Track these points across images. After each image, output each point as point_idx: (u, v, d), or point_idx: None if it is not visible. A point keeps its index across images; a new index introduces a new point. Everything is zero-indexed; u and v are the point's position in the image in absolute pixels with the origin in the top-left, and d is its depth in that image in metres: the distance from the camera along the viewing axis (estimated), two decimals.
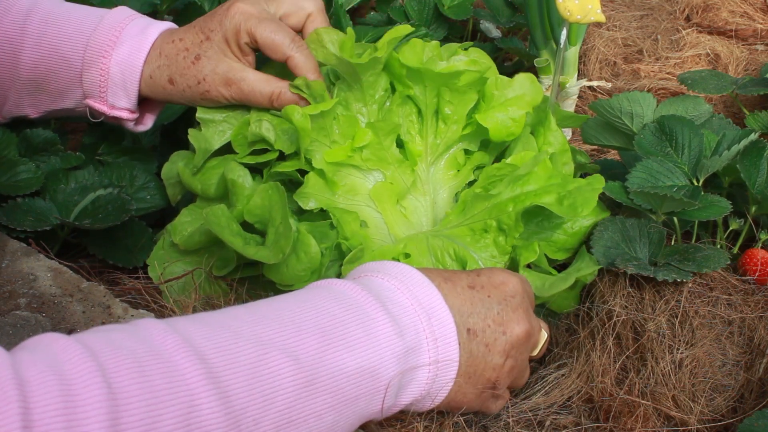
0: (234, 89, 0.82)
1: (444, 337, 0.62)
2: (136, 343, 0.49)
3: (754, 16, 1.45)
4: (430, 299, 0.62)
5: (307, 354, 0.54)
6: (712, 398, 0.74)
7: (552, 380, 0.77)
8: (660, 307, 0.77)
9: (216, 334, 0.52)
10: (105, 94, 0.86)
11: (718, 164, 0.84)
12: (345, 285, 0.61)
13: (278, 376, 0.52)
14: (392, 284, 0.62)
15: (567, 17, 0.96)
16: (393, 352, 0.58)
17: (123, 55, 0.84)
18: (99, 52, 0.84)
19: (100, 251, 0.91)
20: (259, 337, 0.53)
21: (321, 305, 0.58)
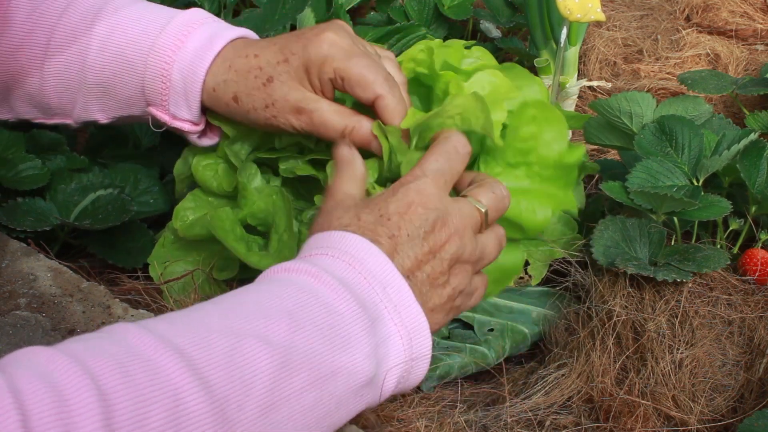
0: (304, 119, 0.74)
1: (404, 304, 0.63)
2: (115, 347, 0.50)
3: (754, 16, 1.45)
4: (382, 270, 0.63)
5: (278, 337, 0.56)
6: (712, 398, 0.74)
7: (552, 380, 0.77)
8: (660, 307, 0.77)
9: (189, 330, 0.53)
10: (167, 102, 0.79)
11: (718, 164, 0.84)
12: (300, 272, 0.62)
13: (254, 361, 0.54)
14: (343, 261, 0.63)
15: (567, 16, 0.96)
16: (360, 327, 0.60)
17: (186, 62, 0.77)
18: (162, 57, 0.78)
19: (100, 251, 0.91)
20: (230, 327, 0.55)
21: (283, 293, 0.59)
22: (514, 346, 0.83)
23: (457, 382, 0.80)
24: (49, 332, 0.74)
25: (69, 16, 0.80)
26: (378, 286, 0.63)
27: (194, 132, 0.81)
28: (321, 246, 0.65)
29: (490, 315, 0.84)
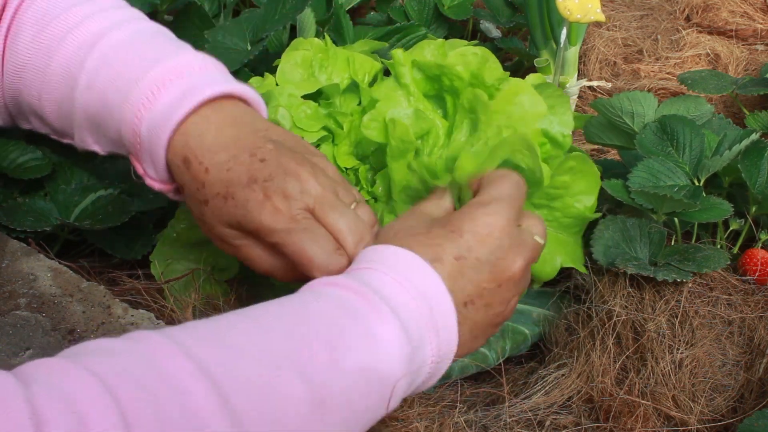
0: (228, 249, 0.69)
1: (446, 327, 0.60)
2: (149, 373, 0.47)
3: (754, 16, 1.45)
4: (432, 291, 0.60)
5: (317, 372, 0.52)
6: (712, 398, 0.74)
7: (552, 380, 0.77)
8: (660, 307, 0.77)
9: (225, 354, 0.50)
10: (140, 158, 0.72)
11: (718, 164, 0.84)
12: (344, 289, 0.58)
13: (289, 398, 0.51)
14: (392, 279, 0.59)
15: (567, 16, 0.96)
16: (400, 356, 0.57)
17: (153, 120, 0.69)
18: (133, 112, 0.70)
19: (99, 242, 0.91)
20: (270, 356, 0.51)
21: (326, 316, 0.56)
22: (515, 346, 0.83)
23: (457, 383, 0.80)
24: (49, 332, 0.74)
25: (67, 44, 0.75)
26: (425, 309, 0.59)
27: (166, 191, 0.73)
28: (371, 260, 0.61)
29: None
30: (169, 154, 0.69)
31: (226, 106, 0.69)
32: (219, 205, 0.66)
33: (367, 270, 0.61)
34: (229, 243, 0.68)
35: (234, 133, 0.68)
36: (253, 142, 0.67)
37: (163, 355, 0.48)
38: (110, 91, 0.72)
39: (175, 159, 0.69)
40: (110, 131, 0.74)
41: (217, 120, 0.68)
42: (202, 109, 0.68)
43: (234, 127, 0.68)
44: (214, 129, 0.68)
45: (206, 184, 0.67)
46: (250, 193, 0.64)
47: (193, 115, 0.68)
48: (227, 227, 0.67)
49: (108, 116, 0.73)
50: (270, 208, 0.64)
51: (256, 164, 0.65)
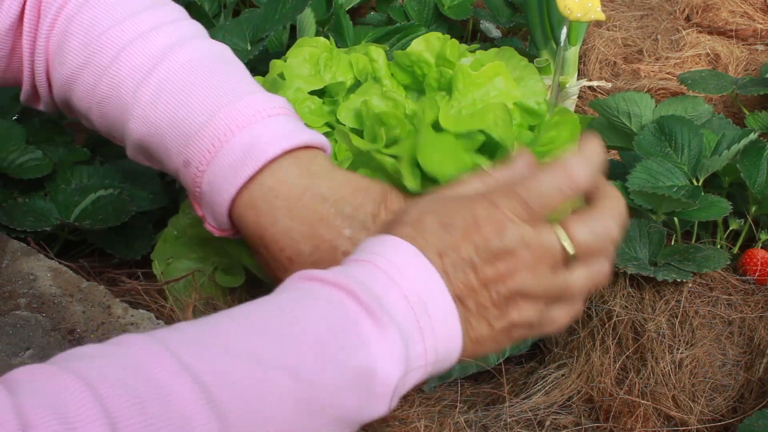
0: None
1: (443, 322, 0.58)
2: (136, 377, 0.47)
3: (754, 16, 1.45)
4: (429, 287, 0.57)
5: (307, 370, 0.52)
6: (712, 398, 0.74)
7: (552, 380, 0.77)
8: (660, 307, 0.77)
9: (215, 358, 0.49)
10: (200, 204, 0.71)
11: (717, 164, 0.84)
12: (335, 288, 0.56)
13: (277, 397, 0.50)
14: (385, 274, 0.57)
15: (567, 15, 0.96)
16: (392, 354, 0.56)
17: (214, 178, 0.67)
18: (194, 163, 0.68)
19: (98, 241, 0.91)
20: (258, 355, 0.51)
21: (317, 314, 0.54)
22: (515, 346, 0.83)
23: (457, 382, 0.80)
24: (49, 332, 0.74)
25: (119, 67, 0.71)
26: (420, 307, 0.56)
27: (227, 236, 0.72)
28: (371, 251, 0.59)
29: None
30: (234, 212, 0.68)
31: (287, 168, 0.67)
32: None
33: (361, 263, 0.58)
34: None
35: (306, 212, 0.67)
36: (329, 227, 0.67)
37: (149, 357, 0.48)
38: (168, 132, 0.69)
39: (248, 229, 0.68)
40: (167, 167, 0.72)
41: (283, 192, 0.67)
42: (265, 172, 0.67)
43: (302, 200, 0.67)
44: (283, 204, 0.67)
45: (290, 269, 0.67)
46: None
47: (258, 176, 0.66)
48: None
49: (165, 156, 0.70)
50: None
51: (340, 258, 0.65)
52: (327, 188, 0.68)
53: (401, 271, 0.57)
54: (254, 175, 0.66)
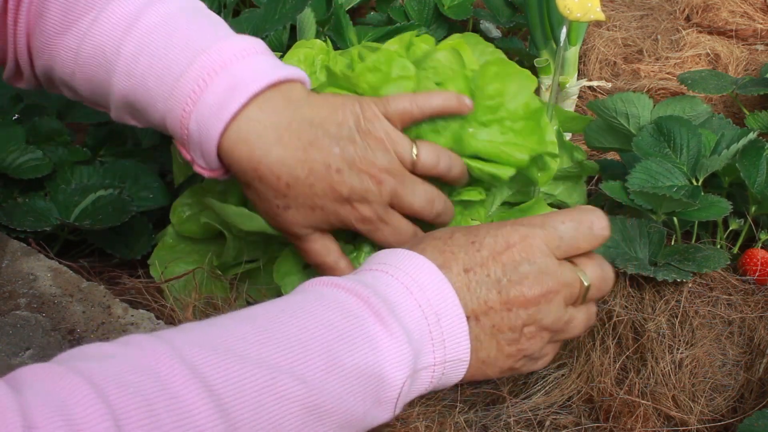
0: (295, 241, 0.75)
1: (453, 337, 0.59)
2: (143, 378, 0.47)
3: (754, 16, 1.45)
4: (442, 298, 0.59)
5: (314, 376, 0.52)
6: (712, 398, 0.74)
7: (552, 380, 0.77)
8: (660, 307, 0.77)
9: (223, 361, 0.50)
10: (187, 147, 0.73)
11: (717, 164, 0.84)
12: (346, 292, 0.58)
13: (285, 404, 0.50)
14: (400, 283, 0.59)
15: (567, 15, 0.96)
16: (400, 361, 0.56)
17: (202, 116, 0.70)
18: (180, 105, 0.71)
19: (99, 241, 0.91)
20: (266, 360, 0.51)
21: (325, 319, 0.55)
22: None
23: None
24: (49, 332, 0.74)
25: (100, 25, 0.73)
26: (432, 317, 0.58)
27: (217, 177, 0.75)
28: (384, 263, 0.61)
29: None
30: (223, 149, 0.71)
31: (273, 99, 0.71)
32: (306, 213, 0.72)
33: (376, 272, 0.61)
34: (299, 237, 0.74)
35: (296, 137, 0.70)
36: (320, 148, 0.70)
37: (156, 358, 0.48)
38: (152, 81, 0.72)
39: (241, 164, 0.70)
40: (153, 117, 0.74)
41: (271, 122, 0.70)
42: (251, 105, 0.70)
43: (290, 127, 0.70)
44: (273, 134, 0.70)
45: (289, 195, 0.71)
46: (339, 207, 0.71)
47: (244, 111, 0.70)
48: (307, 228, 0.73)
49: (150, 105, 0.73)
50: (359, 216, 0.72)
51: (335, 176, 0.70)
52: (310, 113, 0.71)
53: (417, 281, 0.60)
54: (240, 109, 0.69)
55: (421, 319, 0.58)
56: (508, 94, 0.78)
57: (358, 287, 0.58)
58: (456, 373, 0.61)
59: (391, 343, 0.56)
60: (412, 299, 0.59)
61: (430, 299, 0.59)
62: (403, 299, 0.59)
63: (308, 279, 0.62)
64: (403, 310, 0.58)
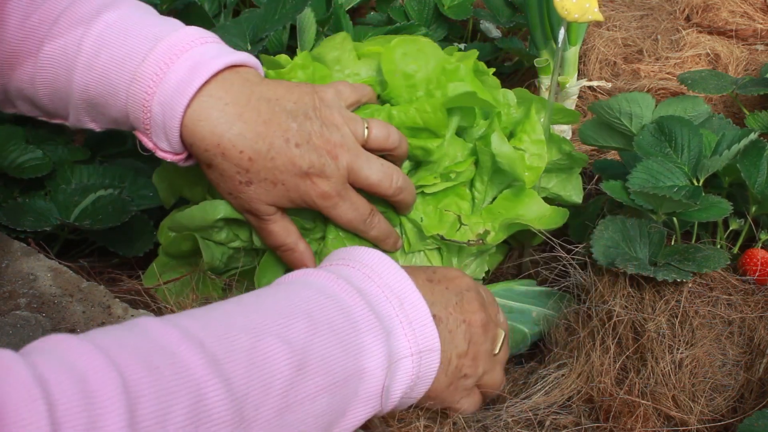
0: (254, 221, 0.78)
1: (420, 322, 0.64)
2: (139, 339, 0.51)
3: (754, 16, 1.45)
4: (401, 285, 0.65)
5: (297, 337, 0.56)
6: (712, 398, 0.74)
7: (552, 380, 0.77)
8: (660, 307, 0.77)
9: (211, 326, 0.54)
10: (149, 133, 0.76)
11: (718, 164, 0.84)
12: (320, 276, 0.64)
13: (273, 361, 0.54)
14: (362, 272, 0.65)
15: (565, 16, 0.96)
16: (375, 336, 0.61)
17: (165, 96, 0.73)
18: (143, 87, 0.73)
19: (100, 239, 0.91)
20: (251, 325, 0.55)
21: (302, 293, 0.61)
22: (514, 345, 0.83)
23: None
24: (49, 332, 0.74)
25: (60, 26, 0.77)
26: (395, 300, 0.64)
27: (178, 161, 0.78)
28: (342, 258, 0.67)
29: None
30: (186, 128, 0.73)
31: (232, 79, 0.75)
32: (267, 188, 0.75)
33: (338, 266, 0.66)
34: (260, 216, 0.77)
35: (255, 113, 0.74)
36: (278, 124, 0.74)
37: (160, 331, 0.52)
38: (113, 71, 0.75)
39: (204, 141, 0.74)
40: (113, 110, 0.77)
41: (232, 99, 0.74)
42: (211, 84, 0.74)
43: (249, 104, 0.74)
44: (233, 110, 0.74)
45: (251, 170, 0.74)
46: (300, 181, 0.75)
47: (206, 88, 0.73)
48: (269, 206, 0.76)
49: (112, 96, 0.76)
50: (318, 191, 0.75)
51: (294, 150, 0.74)
52: (267, 91, 0.76)
53: (375, 270, 0.65)
54: (202, 87, 0.73)
55: (385, 302, 0.64)
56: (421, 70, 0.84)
57: (325, 273, 0.64)
58: (432, 356, 0.65)
59: (363, 314, 0.61)
60: (376, 287, 0.64)
61: (391, 285, 0.64)
62: (366, 285, 0.64)
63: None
64: (370, 295, 0.63)
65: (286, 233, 0.78)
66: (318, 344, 0.57)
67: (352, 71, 0.86)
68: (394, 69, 0.83)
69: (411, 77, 0.83)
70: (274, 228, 0.78)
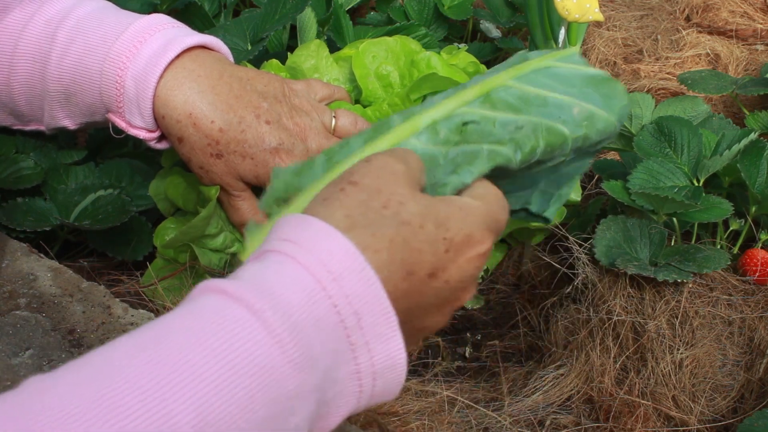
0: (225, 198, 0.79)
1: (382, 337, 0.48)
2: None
3: (754, 16, 1.45)
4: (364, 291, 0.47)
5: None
6: (712, 398, 0.74)
7: (552, 380, 0.77)
8: (660, 308, 0.77)
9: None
10: (122, 110, 0.78)
11: (718, 164, 0.84)
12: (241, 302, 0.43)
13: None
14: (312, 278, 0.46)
15: (565, 16, 0.96)
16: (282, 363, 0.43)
17: (138, 69, 0.75)
18: (116, 64, 0.76)
19: (99, 244, 0.91)
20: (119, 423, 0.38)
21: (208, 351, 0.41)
22: (549, 150, 0.59)
23: (457, 382, 0.80)
24: (49, 332, 0.74)
25: (34, 24, 0.80)
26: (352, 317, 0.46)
27: (150, 139, 0.79)
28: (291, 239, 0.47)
29: (517, 112, 0.59)
30: (159, 99, 0.76)
31: (204, 57, 0.78)
32: (237, 162, 0.76)
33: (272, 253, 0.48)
34: (229, 192, 0.79)
35: (227, 88, 0.76)
36: (249, 100, 0.76)
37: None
38: (87, 56, 0.77)
39: (176, 111, 0.75)
40: (87, 95, 0.79)
41: (204, 72, 0.77)
42: (184, 58, 0.76)
43: (222, 79, 0.77)
44: (206, 82, 0.76)
45: (221, 141, 0.76)
46: (269, 157, 0.76)
47: (179, 61, 0.76)
48: (237, 179, 0.77)
49: (86, 80, 0.78)
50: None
51: (264, 126, 0.76)
52: (239, 71, 0.78)
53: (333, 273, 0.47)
54: (176, 59, 0.76)
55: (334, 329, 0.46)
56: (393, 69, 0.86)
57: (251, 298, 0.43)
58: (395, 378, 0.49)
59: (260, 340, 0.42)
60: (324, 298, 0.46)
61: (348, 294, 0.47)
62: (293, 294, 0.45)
63: None
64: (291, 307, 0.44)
65: (253, 211, 0.80)
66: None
67: (331, 77, 0.88)
68: (367, 73, 0.85)
69: (386, 78, 0.86)
70: (242, 205, 0.79)
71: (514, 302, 0.92)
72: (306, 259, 0.47)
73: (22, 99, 0.81)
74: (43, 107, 0.81)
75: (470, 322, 0.91)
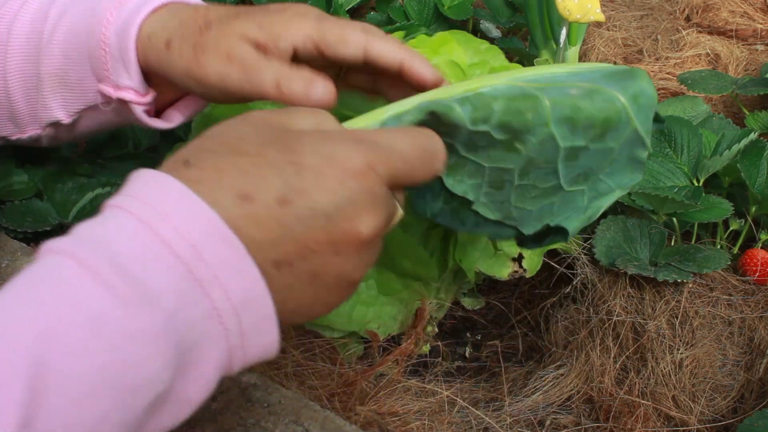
0: (235, 67, 0.64)
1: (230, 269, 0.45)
2: None
3: (754, 16, 1.45)
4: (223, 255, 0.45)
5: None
6: (712, 398, 0.74)
7: (551, 380, 0.77)
8: (660, 308, 0.77)
9: None
10: (108, 70, 0.71)
11: (718, 164, 0.84)
12: (63, 256, 0.44)
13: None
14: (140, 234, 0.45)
15: (566, 16, 0.96)
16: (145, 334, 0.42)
17: (122, 19, 0.70)
18: (101, 21, 0.71)
19: None
20: None
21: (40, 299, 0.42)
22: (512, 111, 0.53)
23: (457, 382, 0.80)
24: None
25: (27, 8, 0.77)
26: (188, 250, 0.44)
27: (141, 104, 0.71)
28: (136, 196, 0.46)
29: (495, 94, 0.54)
30: (142, 32, 0.69)
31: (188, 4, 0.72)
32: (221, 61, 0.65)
33: (116, 209, 0.47)
34: (234, 57, 0.66)
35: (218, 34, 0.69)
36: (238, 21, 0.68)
37: None
38: (76, 24, 0.74)
39: (155, 26, 0.69)
40: (76, 68, 0.74)
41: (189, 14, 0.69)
42: (170, 5, 0.70)
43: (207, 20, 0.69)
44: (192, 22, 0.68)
45: (211, 16, 0.67)
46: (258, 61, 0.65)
47: (164, 8, 0.70)
48: (240, 41, 0.65)
49: (75, 49, 0.74)
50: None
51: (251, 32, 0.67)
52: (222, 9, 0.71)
53: (159, 212, 0.45)
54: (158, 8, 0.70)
55: (171, 260, 0.45)
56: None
57: (74, 247, 0.45)
58: (260, 326, 0.47)
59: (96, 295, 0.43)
60: (152, 233, 0.45)
61: (176, 226, 0.45)
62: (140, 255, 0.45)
63: None
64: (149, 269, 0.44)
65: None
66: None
67: None
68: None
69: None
70: (260, 64, 0.67)
71: (514, 302, 0.92)
72: (130, 205, 0.46)
73: (19, 90, 0.78)
74: (38, 100, 0.78)
75: (470, 322, 0.91)
